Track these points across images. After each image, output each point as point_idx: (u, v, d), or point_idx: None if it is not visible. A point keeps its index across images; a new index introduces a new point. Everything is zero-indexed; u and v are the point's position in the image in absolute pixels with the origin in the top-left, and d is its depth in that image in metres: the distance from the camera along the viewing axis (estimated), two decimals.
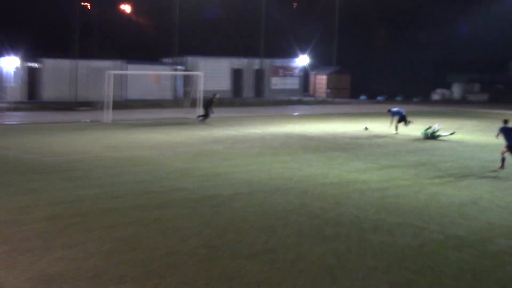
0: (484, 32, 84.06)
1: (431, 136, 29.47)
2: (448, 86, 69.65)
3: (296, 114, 43.39)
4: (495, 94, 69.14)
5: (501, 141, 21.28)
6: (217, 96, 36.76)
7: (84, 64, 48.37)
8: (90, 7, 67.43)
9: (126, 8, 69.58)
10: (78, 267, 10.19)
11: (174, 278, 9.82)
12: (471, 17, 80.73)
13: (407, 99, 64.20)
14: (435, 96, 65.87)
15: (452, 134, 30.56)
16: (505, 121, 21.56)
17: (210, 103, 35.08)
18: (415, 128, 31.91)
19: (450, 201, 15.83)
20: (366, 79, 69.55)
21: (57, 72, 47.60)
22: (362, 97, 64.46)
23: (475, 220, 13.97)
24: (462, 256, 11.33)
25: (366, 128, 33.57)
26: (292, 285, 9.73)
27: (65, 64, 47.83)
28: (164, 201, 15.01)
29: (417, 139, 29.12)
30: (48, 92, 47.06)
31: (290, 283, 9.78)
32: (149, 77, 51.25)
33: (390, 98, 64.54)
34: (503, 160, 21.08)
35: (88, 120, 33.90)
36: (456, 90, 67.12)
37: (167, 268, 10.23)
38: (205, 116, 34.90)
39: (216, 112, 35.67)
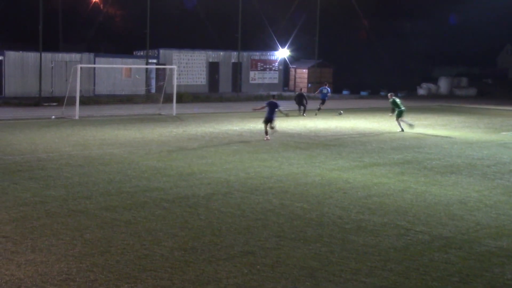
0: (472, 25, 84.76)
1: (396, 106, 31.80)
2: (434, 80, 70.20)
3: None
4: (483, 88, 69.82)
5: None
6: (302, 89, 43.63)
7: (49, 57, 48.10)
8: None
9: None
10: (48, 270, 10.23)
11: (148, 282, 9.89)
12: (459, 8, 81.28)
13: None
14: (421, 91, 66.44)
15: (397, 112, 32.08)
16: (273, 96, 29.13)
17: (301, 97, 39.94)
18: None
19: (437, 201, 16.05)
20: (349, 73, 69.88)
21: (21, 65, 47.27)
22: (345, 92, 64.78)
23: (462, 220, 14.20)
24: (449, 258, 11.52)
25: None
26: None
27: (29, 56, 47.52)
28: (136, 201, 15.05)
29: (401, 136, 29.41)
30: (11, 87, 46.74)
31: (270, 287, 9.89)
32: (120, 71, 51.10)
33: (374, 92, 64.92)
34: (266, 132, 26.91)
35: (53, 117, 33.74)
36: (443, 85, 67.70)
37: (141, 272, 10.29)
38: (304, 109, 39.59)
39: (192, 108, 35.80)
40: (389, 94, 33.26)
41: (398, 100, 32.04)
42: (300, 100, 39.94)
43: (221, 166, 20.18)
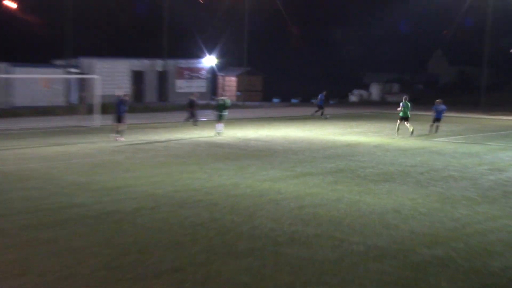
0: (402, 30, 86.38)
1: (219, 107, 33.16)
2: (366, 87, 71.40)
3: (203, 119, 43.42)
4: (414, 94, 71.29)
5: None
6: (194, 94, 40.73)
7: None
8: None
9: (11, 3, 67.66)
10: None
11: None
12: (388, 14, 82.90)
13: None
14: (353, 97, 67.50)
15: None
16: (124, 96, 30.90)
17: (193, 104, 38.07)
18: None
19: (371, 210, 16.22)
20: (280, 80, 70.38)
21: None
22: (276, 100, 65.18)
23: (397, 229, 14.37)
24: (384, 268, 11.62)
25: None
26: None
27: None
28: (57, 219, 14.70)
29: (333, 144, 29.71)
30: None
31: None
32: (39, 81, 50.09)
33: (305, 100, 65.54)
34: (117, 131, 29.82)
35: None
36: (375, 91, 68.97)
37: None
38: (193, 117, 37.84)
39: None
40: (221, 93, 34.41)
41: (226, 103, 32.98)
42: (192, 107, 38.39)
43: (148, 179, 19.95)
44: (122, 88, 32.81)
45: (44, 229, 13.81)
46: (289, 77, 72.24)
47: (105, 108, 44.74)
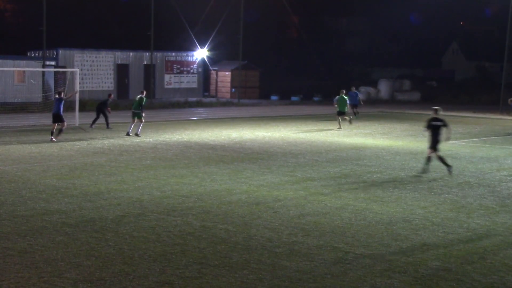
0: (413, 20, 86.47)
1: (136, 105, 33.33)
2: (374, 83, 71.41)
3: (195, 118, 43.53)
4: (427, 92, 71.37)
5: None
6: (111, 95, 38.48)
7: None
8: None
9: None
10: None
11: None
12: (399, 2, 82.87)
13: (326, 99, 65.34)
14: (359, 95, 67.50)
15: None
16: (59, 93, 30.68)
17: (103, 106, 36.23)
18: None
19: (378, 219, 16.29)
20: (278, 76, 70.42)
21: None
22: (274, 97, 65.26)
23: (407, 240, 14.45)
24: (392, 283, 11.70)
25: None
26: None
27: None
28: (33, 227, 14.75)
29: (337, 147, 29.79)
30: None
31: None
32: (12, 75, 50.06)
33: (307, 98, 65.62)
34: (52, 132, 29.80)
35: None
36: (384, 88, 68.97)
37: None
38: (94, 121, 35.93)
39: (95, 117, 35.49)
40: (141, 91, 34.78)
41: (141, 101, 33.38)
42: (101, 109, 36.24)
43: (133, 184, 20.01)
44: (61, 86, 32.97)
45: (19, 237, 13.85)
46: (288, 73, 72.30)
47: (85, 105, 44.81)
